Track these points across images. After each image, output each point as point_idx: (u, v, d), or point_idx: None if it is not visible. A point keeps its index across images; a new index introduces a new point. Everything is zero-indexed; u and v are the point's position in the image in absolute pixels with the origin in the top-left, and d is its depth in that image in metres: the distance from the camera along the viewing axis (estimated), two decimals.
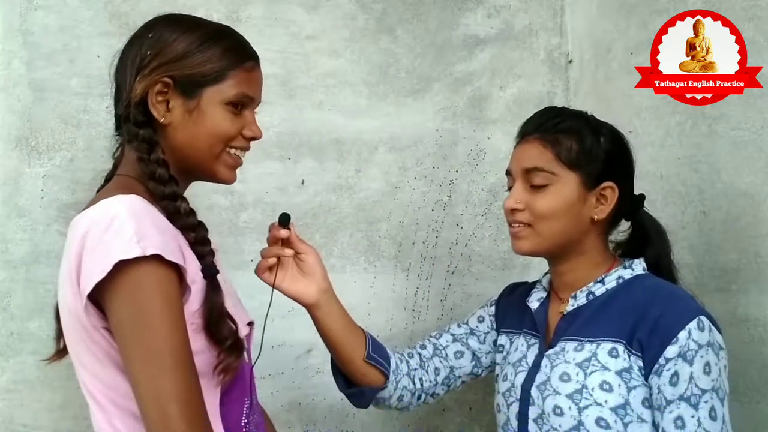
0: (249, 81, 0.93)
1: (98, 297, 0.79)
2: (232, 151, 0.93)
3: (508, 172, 1.09)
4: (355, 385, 1.13)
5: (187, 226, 0.87)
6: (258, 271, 1.05)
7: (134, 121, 0.88)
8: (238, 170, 0.97)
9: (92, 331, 0.82)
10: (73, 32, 1.40)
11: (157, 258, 0.78)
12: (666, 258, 1.08)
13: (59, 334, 0.93)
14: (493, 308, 1.23)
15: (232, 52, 0.91)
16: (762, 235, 1.17)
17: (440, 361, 1.18)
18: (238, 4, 1.49)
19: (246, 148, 0.96)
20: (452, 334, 1.21)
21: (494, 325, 1.21)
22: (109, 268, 0.76)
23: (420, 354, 1.18)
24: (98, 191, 0.96)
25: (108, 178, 0.97)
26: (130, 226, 0.77)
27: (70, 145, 1.39)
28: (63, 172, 1.38)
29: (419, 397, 1.17)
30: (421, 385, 1.16)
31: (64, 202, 1.37)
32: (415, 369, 1.16)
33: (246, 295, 1.03)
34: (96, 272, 0.77)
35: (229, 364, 0.85)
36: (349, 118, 1.56)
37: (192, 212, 0.89)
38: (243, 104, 0.92)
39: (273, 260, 1.04)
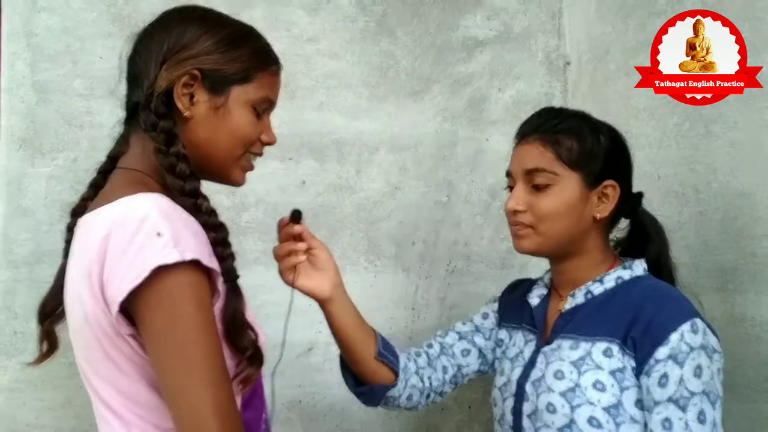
0: (273, 85, 0.91)
1: (126, 303, 0.73)
2: (249, 156, 0.91)
3: (509, 174, 1.08)
4: (365, 383, 1.13)
5: (208, 225, 0.81)
6: (282, 272, 1.05)
7: (155, 111, 0.83)
8: None
9: (115, 338, 0.76)
10: (76, 34, 1.41)
11: (194, 263, 0.73)
12: (665, 255, 1.08)
13: (42, 337, 0.90)
14: (496, 304, 1.23)
15: (260, 54, 0.90)
16: (759, 235, 1.18)
17: (447, 360, 1.19)
18: (239, 5, 1.49)
19: (260, 154, 0.93)
20: (458, 332, 1.21)
21: (498, 321, 1.22)
22: (146, 273, 0.70)
23: (427, 353, 1.19)
24: (92, 184, 0.92)
25: (102, 171, 0.92)
26: (165, 228, 0.72)
27: (73, 146, 1.40)
28: (66, 173, 1.39)
29: (428, 396, 1.17)
30: (430, 383, 1.16)
31: (68, 203, 1.34)
32: (423, 368, 1.16)
33: (248, 295, 1.03)
34: (129, 278, 0.71)
35: (249, 375, 0.81)
36: (349, 119, 1.57)
37: (213, 211, 0.83)
38: (264, 108, 0.91)
39: (303, 257, 1.03)
